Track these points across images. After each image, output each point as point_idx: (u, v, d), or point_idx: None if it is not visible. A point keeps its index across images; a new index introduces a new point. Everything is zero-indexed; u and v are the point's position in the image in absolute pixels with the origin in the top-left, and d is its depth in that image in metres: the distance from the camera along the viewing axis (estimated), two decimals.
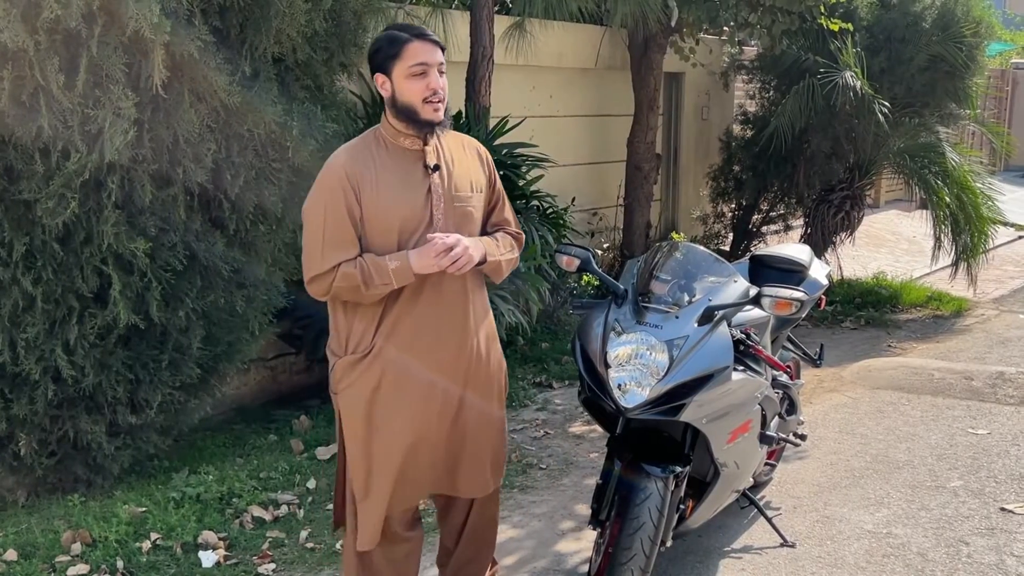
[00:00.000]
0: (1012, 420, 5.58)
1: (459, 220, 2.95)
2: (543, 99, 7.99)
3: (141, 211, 4.06)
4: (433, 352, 2.94)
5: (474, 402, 3.05)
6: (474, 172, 3.04)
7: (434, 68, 2.85)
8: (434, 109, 2.86)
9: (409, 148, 2.93)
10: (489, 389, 3.11)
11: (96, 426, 4.25)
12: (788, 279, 4.14)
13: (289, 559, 3.96)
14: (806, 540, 4.08)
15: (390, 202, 2.86)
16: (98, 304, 4.10)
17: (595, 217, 8.63)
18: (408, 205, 2.87)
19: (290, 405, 5.77)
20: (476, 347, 3.04)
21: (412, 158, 2.92)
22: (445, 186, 2.93)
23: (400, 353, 2.90)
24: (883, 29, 8.39)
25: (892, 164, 8.74)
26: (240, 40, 4.24)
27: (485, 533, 3.31)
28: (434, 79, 2.85)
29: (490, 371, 3.11)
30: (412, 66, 2.83)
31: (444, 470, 3.07)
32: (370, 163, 2.88)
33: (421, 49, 2.84)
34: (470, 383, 3.03)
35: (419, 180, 2.90)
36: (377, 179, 2.86)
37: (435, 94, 2.84)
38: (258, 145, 4.31)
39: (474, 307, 3.04)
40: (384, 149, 2.93)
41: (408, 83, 2.84)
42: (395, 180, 2.88)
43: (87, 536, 3.98)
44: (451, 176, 2.96)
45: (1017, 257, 11.44)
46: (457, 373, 3.00)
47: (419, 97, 2.84)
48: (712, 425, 3.33)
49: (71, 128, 3.78)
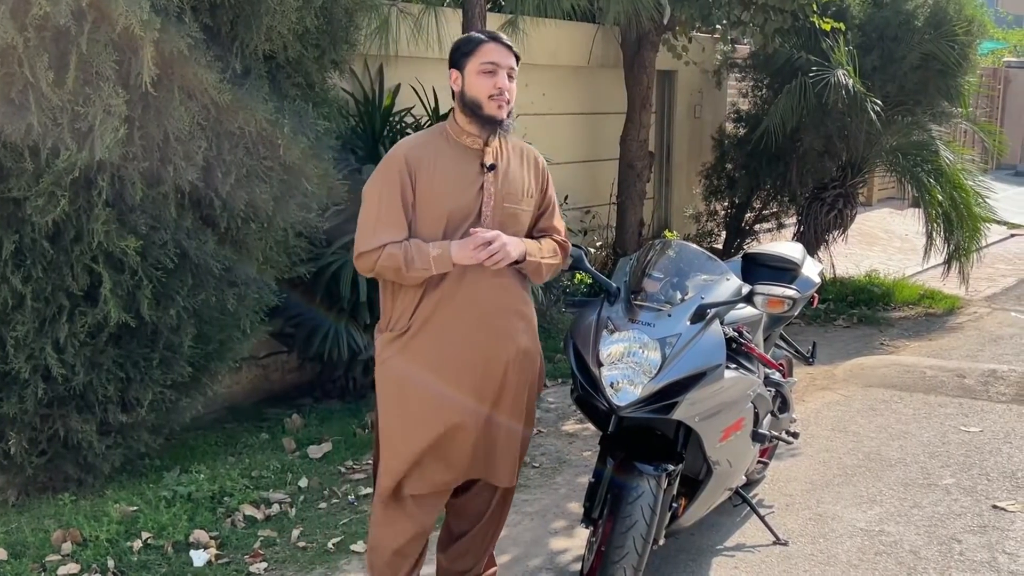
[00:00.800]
0: (1004, 418, 5.59)
1: (505, 219, 3.09)
2: (536, 97, 7.98)
3: (132, 209, 4.04)
4: (468, 340, 3.05)
5: (511, 393, 3.14)
6: (528, 178, 3.18)
7: (503, 70, 3.04)
8: (498, 106, 3.02)
9: (470, 146, 3.09)
10: (525, 383, 3.19)
11: (87, 425, 4.23)
12: (781, 277, 4.14)
13: (281, 558, 3.95)
14: (799, 538, 4.08)
15: (442, 192, 3.02)
16: (88, 302, 4.08)
17: (588, 215, 8.62)
18: (459, 198, 3.03)
19: (282, 404, 5.75)
20: (513, 340, 3.12)
21: (471, 155, 3.08)
22: (498, 186, 3.08)
23: (435, 337, 3.04)
24: (875, 27, 8.40)
25: (885, 162, 8.76)
26: (231, 37, 4.22)
27: (497, 524, 3.41)
28: (502, 79, 3.03)
29: (527, 365, 3.19)
30: (483, 63, 3.02)
31: (482, 455, 3.16)
32: (431, 154, 3.06)
33: (494, 50, 3.04)
34: (508, 374, 3.12)
35: (474, 176, 3.06)
36: (434, 169, 3.03)
37: (501, 93, 3.02)
38: (249, 143, 4.29)
39: (513, 303, 3.14)
40: (447, 143, 3.10)
41: (477, 79, 3.02)
42: (451, 173, 3.04)
43: (78, 535, 3.97)
44: (505, 178, 3.11)
45: (1009, 255, 11.47)
46: (492, 364, 3.09)
47: (485, 93, 3.01)
48: (705, 423, 3.32)
49: (61, 126, 3.76)
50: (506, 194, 3.09)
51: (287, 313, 5.42)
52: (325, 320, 5.42)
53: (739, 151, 9.33)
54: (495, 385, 3.10)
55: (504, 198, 3.09)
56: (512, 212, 3.10)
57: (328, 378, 5.81)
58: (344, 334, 5.40)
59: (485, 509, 3.34)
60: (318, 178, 4.67)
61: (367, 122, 5.91)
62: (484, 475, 3.22)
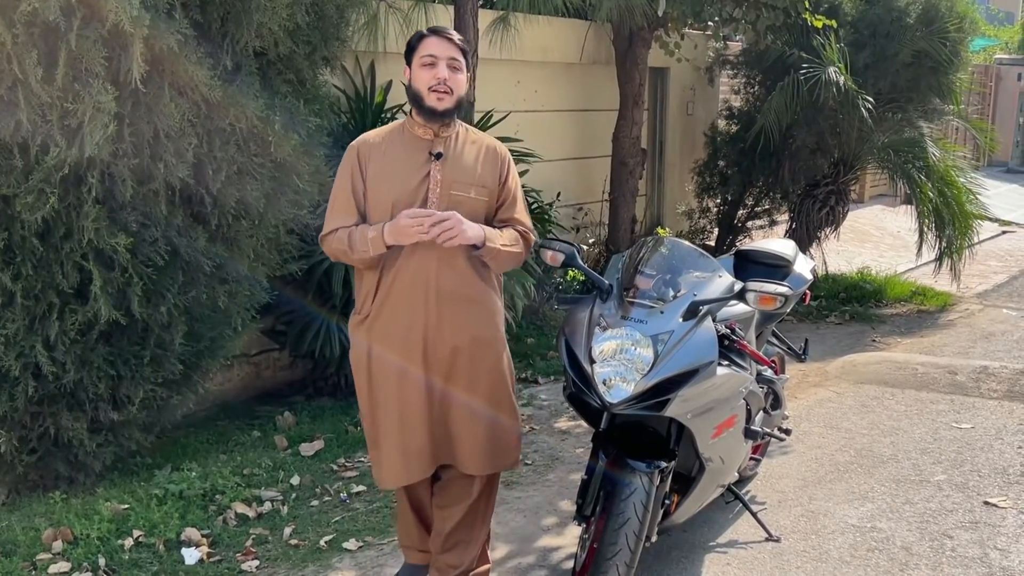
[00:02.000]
0: (995, 414, 5.61)
1: (452, 206, 3.15)
2: (528, 94, 7.97)
3: (122, 206, 4.02)
4: (415, 322, 3.15)
5: (463, 379, 3.22)
6: (482, 168, 3.26)
7: (443, 61, 3.14)
8: (438, 98, 3.13)
9: (421, 136, 3.22)
10: (483, 371, 3.25)
11: (77, 423, 4.21)
12: (773, 274, 4.14)
13: (273, 556, 3.94)
14: (791, 534, 4.08)
15: (388, 180, 3.16)
16: (79, 300, 4.06)
17: (580, 212, 8.62)
18: (404, 184, 3.15)
19: (274, 401, 5.74)
20: (463, 326, 3.19)
21: (421, 145, 3.21)
22: (444, 173, 3.17)
23: (388, 319, 3.17)
24: (867, 24, 8.40)
25: (876, 159, 8.77)
26: (221, 34, 4.21)
27: (481, 516, 3.44)
28: (441, 70, 3.13)
29: (483, 353, 3.24)
30: (423, 56, 3.16)
31: (443, 440, 3.26)
32: (383, 144, 3.23)
33: (435, 43, 3.16)
34: (457, 360, 3.20)
35: (420, 165, 3.17)
36: (384, 158, 3.20)
37: (440, 83, 3.12)
38: (240, 140, 4.28)
39: (464, 288, 3.20)
40: (401, 134, 3.25)
41: (419, 72, 3.16)
42: (398, 162, 3.19)
43: (68, 534, 3.95)
44: (455, 166, 3.20)
45: (1001, 252, 11.50)
46: (439, 347, 3.17)
47: (426, 85, 3.14)
48: (697, 420, 3.32)
49: (50, 122, 3.74)
50: (453, 181, 3.18)
51: (279, 310, 5.41)
52: (317, 317, 5.41)
53: (731, 148, 9.32)
54: (443, 368, 3.20)
55: (451, 185, 3.17)
56: (459, 199, 3.17)
57: (320, 375, 5.80)
58: (336, 331, 5.38)
59: (465, 498, 3.38)
60: (309, 175, 4.65)
61: (358, 119, 5.90)
62: (449, 459, 3.31)
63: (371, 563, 3.88)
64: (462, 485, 3.38)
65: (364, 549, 4.00)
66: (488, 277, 3.29)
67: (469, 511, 3.40)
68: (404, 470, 3.26)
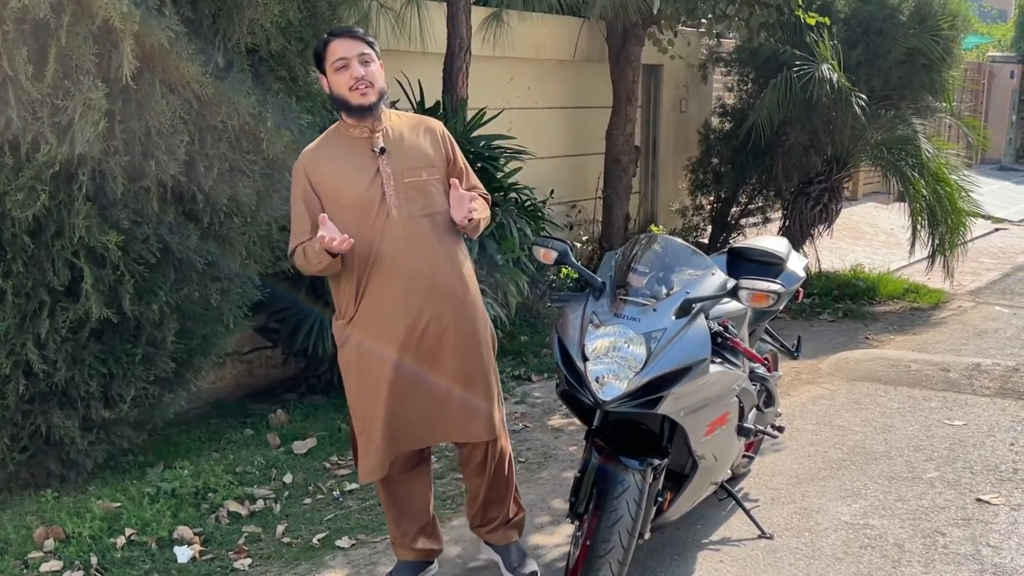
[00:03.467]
0: (988, 411, 5.62)
1: (411, 193, 3.26)
2: (521, 91, 7.97)
3: (113, 203, 4.01)
4: (402, 311, 3.23)
5: (454, 352, 3.31)
6: (426, 149, 3.34)
7: (353, 59, 3.19)
8: (361, 94, 3.19)
9: (359, 137, 3.28)
10: (469, 335, 3.35)
11: (69, 421, 4.20)
12: (766, 272, 4.13)
13: (266, 554, 3.93)
14: (784, 532, 4.09)
15: (342, 186, 3.23)
16: (70, 297, 4.05)
17: (574, 210, 8.62)
18: (359, 186, 3.22)
19: (266, 399, 5.73)
20: (448, 300, 3.30)
21: (362, 145, 3.27)
22: (394, 165, 3.24)
23: (372, 312, 3.25)
24: (860, 22, 8.41)
25: (869, 156, 8.77)
26: (213, 30, 4.19)
27: (504, 477, 3.59)
28: (355, 69, 3.18)
29: (466, 317, 3.35)
30: (334, 62, 3.20)
31: (436, 421, 3.35)
32: (327, 154, 3.28)
33: (339, 46, 3.20)
34: (447, 333, 3.29)
35: (368, 163, 3.24)
36: (332, 168, 3.25)
37: (359, 81, 3.17)
38: (232, 137, 4.27)
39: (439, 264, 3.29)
40: (340, 139, 3.31)
41: (335, 77, 3.21)
42: (347, 166, 3.24)
43: (60, 532, 3.94)
44: (401, 155, 3.27)
45: (993, 249, 11.53)
46: (430, 329, 3.26)
47: (345, 87, 3.19)
48: (690, 417, 3.32)
49: (40, 119, 3.73)
50: (404, 170, 3.25)
51: (271, 308, 5.39)
52: (309, 315, 5.39)
53: (725, 145, 9.33)
54: (430, 354, 3.27)
55: (402, 175, 3.25)
56: (416, 184, 3.26)
57: (313, 373, 5.79)
58: (328, 329, 5.36)
59: (483, 465, 3.52)
60: None
61: None
62: (444, 438, 3.45)
63: (364, 561, 3.87)
64: (478, 456, 3.52)
65: (357, 547, 3.99)
66: (459, 255, 3.38)
67: (495, 475, 3.56)
68: (379, 463, 3.33)
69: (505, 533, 3.68)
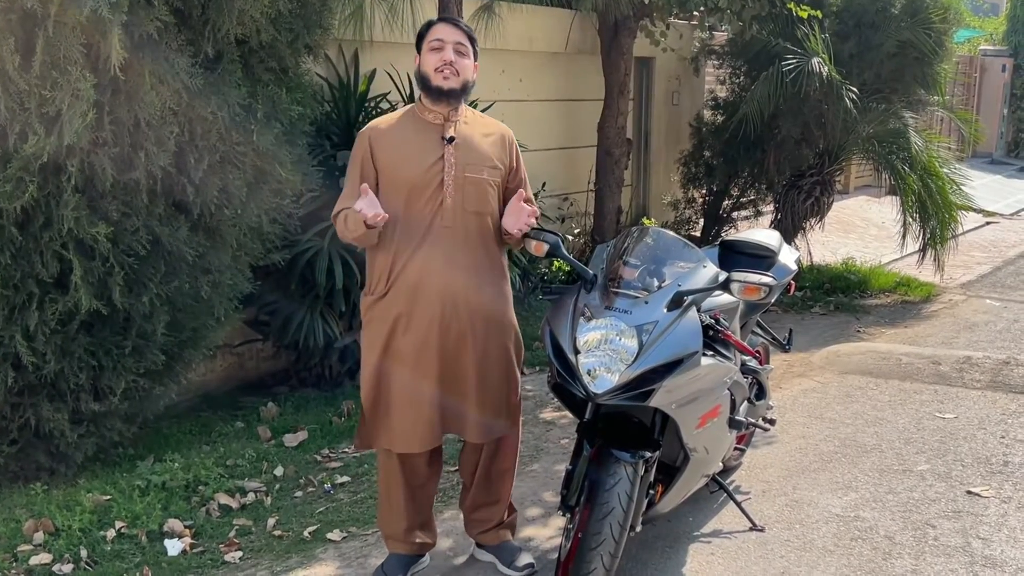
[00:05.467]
0: (979, 404, 5.63)
1: (467, 187, 3.30)
2: (513, 83, 7.95)
3: (102, 195, 3.99)
4: (434, 298, 3.27)
5: (478, 352, 3.35)
6: (492, 151, 3.40)
7: (449, 45, 3.28)
8: (443, 77, 3.26)
9: (432, 121, 3.33)
10: (496, 342, 3.40)
11: (58, 413, 4.18)
12: (758, 264, 4.13)
13: (256, 547, 3.92)
14: (775, 524, 4.09)
15: (402, 164, 3.27)
16: (59, 289, 4.03)
17: (566, 202, 8.60)
18: (418, 167, 3.26)
19: (257, 392, 5.71)
20: (480, 301, 3.34)
21: (433, 130, 3.32)
22: (459, 157, 3.29)
23: (406, 298, 3.28)
24: (852, 15, 8.41)
25: (861, 150, 8.78)
26: (202, 21, 4.16)
27: (497, 474, 3.62)
28: (448, 53, 3.27)
29: (495, 324, 3.40)
30: (432, 41, 3.30)
31: (454, 412, 3.38)
32: (395, 129, 3.34)
33: (442, 28, 3.33)
34: (472, 332, 3.33)
35: (434, 148, 3.29)
36: (396, 144, 3.30)
37: (447, 65, 3.25)
38: (222, 128, 4.24)
39: (479, 264, 3.35)
40: (411, 120, 3.37)
41: (427, 56, 3.30)
42: (412, 145, 3.29)
43: (50, 525, 3.92)
44: (467, 149, 3.32)
45: (984, 243, 11.56)
46: (458, 322, 3.30)
47: (432, 66, 3.27)
48: (681, 410, 3.31)
49: (28, 110, 3.70)
50: (467, 164, 3.30)
51: (262, 301, 5.38)
52: (300, 308, 5.38)
53: (717, 138, 9.32)
54: (457, 344, 3.32)
55: (465, 168, 3.29)
56: (474, 180, 3.31)
57: (304, 366, 5.78)
58: (320, 322, 5.36)
59: (477, 463, 3.58)
60: (292, 164, 4.63)
61: (342, 108, 5.87)
62: (458, 431, 3.45)
63: (355, 553, 3.86)
64: (472, 453, 3.59)
65: (348, 539, 3.99)
66: (499, 261, 3.47)
67: (487, 475, 3.59)
68: (416, 438, 3.36)
69: (498, 534, 3.71)
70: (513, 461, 3.64)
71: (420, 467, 3.50)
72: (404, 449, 3.39)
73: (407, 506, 3.52)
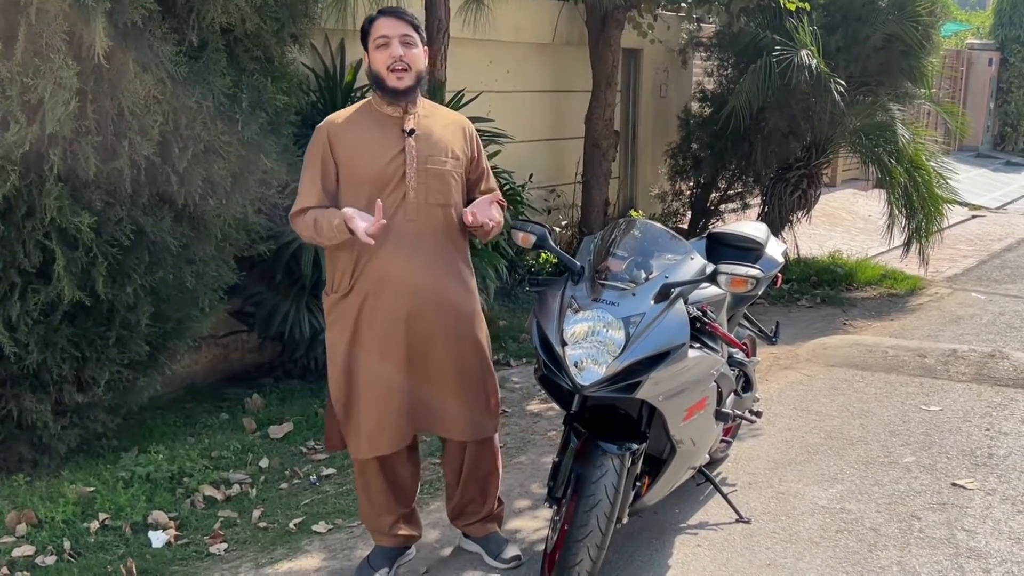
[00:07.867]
0: (964, 397, 5.65)
1: (431, 180, 3.27)
2: (500, 74, 7.92)
3: (85, 184, 3.95)
4: (400, 294, 3.24)
5: (452, 347, 3.33)
6: (452, 143, 3.36)
7: (395, 39, 3.21)
8: (397, 77, 3.21)
9: (390, 114, 3.28)
10: (469, 335, 3.39)
11: (41, 405, 4.14)
12: (745, 257, 4.13)
13: (241, 539, 3.90)
14: (761, 516, 4.09)
15: (363, 158, 3.23)
16: (41, 280, 3.99)
17: (553, 194, 8.59)
18: (379, 161, 3.22)
19: (242, 383, 5.68)
20: (447, 295, 3.32)
21: (392, 123, 3.28)
22: (419, 149, 3.25)
23: (370, 295, 3.24)
24: (840, 7, 8.41)
25: (848, 143, 8.79)
26: (187, 9, 4.12)
27: (483, 476, 3.60)
28: (395, 48, 3.20)
29: (465, 318, 3.38)
30: (376, 39, 3.24)
31: (427, 409, 3.36)
32: (353, 125, 3.29)
33: (384, 24, 3.24)
34: (442, 328, 3.31)
35: (394, 142, 3.25)
36: (356, 139, 3.25)
37: (396, 61, 3.20)
38: (207, 117, 4.21)
39: (445, 257, 3.33)
40: (370, 113, 3.32)
41: (375, 54, 3.25)
42: (371, 140, 3.24)
43: (32, 517, 3.90)
44: (428, 140, 3.29)
45: (970, 236, 11.60)
46: (425, 317, 3.28)
47: (383, 65, 3.22)
48: (668, 402, 3.31)
49: (10, 98, 3.66)
50: (428, 156, 3.27)
51: (247, 292, 5.34)
52: (286, 299, 5.35)
53: (704, 131, 9.32)
54: (424, 340, 3.29)
55: (427, 160, 3.26)
56: (437, 172, 3.28)
57: (289, 358, 5.75)
58: (305, 313, 5.34)
59: (463, 462, 3.55)
60: (277, 154, 4.60)
61: (328, 98, 5.83)
62: (431, 428, 3.45)
63: (341, 545, 3.85)
64: (455, 454, 3.56)
65: (334, 531, 3.97)
66: (464, 254, 3.43)
67: (472, 472, 3.57)
68: (385, 438, 3.33)
69: (485, 526, 3.70)
70: (496, 462, 3.62)
71: (396, 465, 3.48)
72: (373, 452, 3.35)
73: (388, 502, 3.50)
